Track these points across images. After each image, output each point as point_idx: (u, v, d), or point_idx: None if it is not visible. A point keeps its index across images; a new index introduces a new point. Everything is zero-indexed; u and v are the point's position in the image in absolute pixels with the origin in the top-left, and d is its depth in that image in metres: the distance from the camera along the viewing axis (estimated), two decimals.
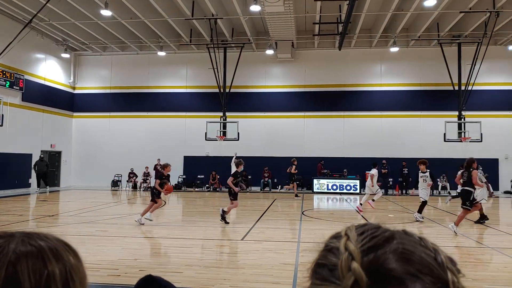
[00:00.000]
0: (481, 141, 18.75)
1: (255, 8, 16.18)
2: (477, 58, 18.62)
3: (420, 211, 11.10)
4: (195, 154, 22.83)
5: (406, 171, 20.34)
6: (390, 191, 20.71)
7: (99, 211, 12.78)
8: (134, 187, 21.98)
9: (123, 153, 23.42)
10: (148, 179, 21.59)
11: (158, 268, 6.04)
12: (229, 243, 8.21)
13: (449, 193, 20.38)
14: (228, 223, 10.20)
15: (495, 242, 8.55)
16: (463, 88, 19.66)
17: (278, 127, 22.78)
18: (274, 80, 23.20)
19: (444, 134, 19.00)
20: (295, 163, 17.63)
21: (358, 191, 20.33)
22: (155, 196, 10.17)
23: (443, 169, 20.68)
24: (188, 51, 23.34)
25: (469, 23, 18.85)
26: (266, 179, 21.87)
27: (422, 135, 21.70)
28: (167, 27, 20.29)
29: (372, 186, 13.05)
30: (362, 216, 12.38)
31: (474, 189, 9.54)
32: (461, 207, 9.53)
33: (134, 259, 6.62)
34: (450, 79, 19.95)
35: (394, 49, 21.10)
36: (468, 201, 9.36)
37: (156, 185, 10.18)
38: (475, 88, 19.74)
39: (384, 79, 22.50)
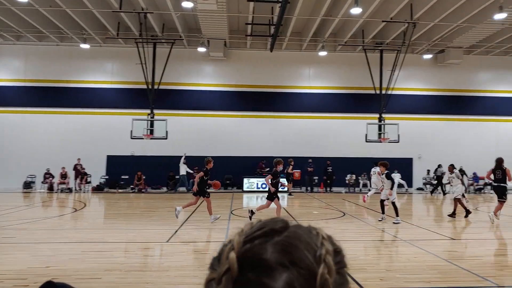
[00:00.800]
0: (398, 141, 20.20)
1: (187, 4, 15.84)
2: (396, 65, 20.01)
3: (397, 214, 10.85)
4: (120, 153, 21.75)
5: (330, 170, 21.26)
6: (315, 189, 21.48)
7: (7, 215, 11.62)
8: (50, 188, 20.21)
9: (38, 152, 21.56)
10: (67, 180, 20.13)
11: (73, 275, 5.62)
12: (153, 246, 7.91)
13: (369, 190, 21.66)
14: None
15: (407, 235, 9.20)
16: (383, 92, 21.01)
17: (209, 126, 22.57)
18: (206, 78, 22.96)
19: (366, 135, 20.16)
20: (292, 163, 18.51)
21: (286, 189, 20.78)
22: (202, 193, 10.47)
23: (364, 168, 21.99)
24: (114, 45, 22.21)
25: (390, 32, 20.19)
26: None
27: (347, 135, 22.84)
28: (92, 18, 19.13)
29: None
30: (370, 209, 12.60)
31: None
32: (498, 200, 10.93)
33: (45, 267, 6.09)
34: (372, 84, 21.22)
35: (323, 53, 21.95)
36: (504, 195, 10.80)
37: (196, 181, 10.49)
38: (394, 92, 21.22)
39: (313, 82, 23.32)
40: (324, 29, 20.30)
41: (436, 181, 21.31)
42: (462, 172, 22.15)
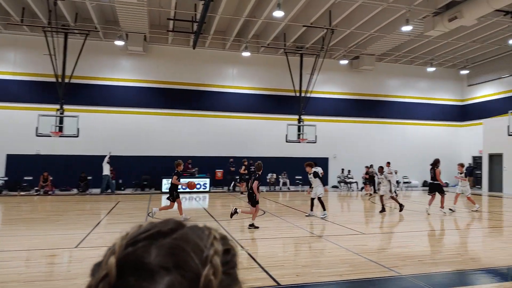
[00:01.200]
0: (316, 142, 21.10)
1: None
2: (315, 69, 20.87)
3: (323, 208, 11.61)
4: (22, 152, 19.69)
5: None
6: (237, 188, 21.55)
7: None
8: None
9: None
10: None
11: None
12: (60, 252, 7.23)
13: (288, 188, 22.36)
14: (257, 227, 9.51)
15: (322, 231, 9.58)
16: (303, 94, 21.79)
17: (126, 124, 21.47)
18: (124, 73, 21.80)
19: (286, 135, 20.73)
20: (246, 163, 19.51)
21: (208, 189, 20.61)
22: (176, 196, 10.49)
23: (284, 167, 22.67)
24: (18, 32, 20.02)
25: (310, 37, 20.98)
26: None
27: (268, 135, 23.28)
28: None
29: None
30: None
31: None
32: (429, 194, 13.05)
33: None
34: (293, 86, 21.90)
35: (246, 54, 22.12)
36: (437, 191, 12.65)
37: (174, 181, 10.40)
38: (313, 95, 22.13)
39: (236, 81, 23.39)
40: (247, 29, 20.47)
41: (368, 180, 22.58)
42: (372, 171, 23.91)
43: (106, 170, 18.97)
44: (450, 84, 27.19)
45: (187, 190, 11.26)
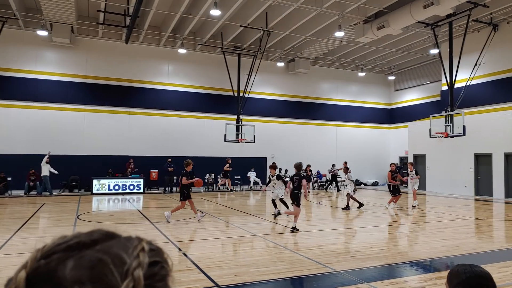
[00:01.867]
0: (254, 142, 21.27)
1: None
2: (252, 70, 21.02)
3: (287, 206, 11.89)
4: None
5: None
6: (174, 189, 21.04)
7: None
8: None
9: None
10: None
11: None
12: None
13: (227, 188, 22.27)
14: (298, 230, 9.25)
15: (260, 230, 9.63)
16: (241, 95, 21.85)
17: (51, 121, 19.98)
18: (47, 65, 20.20)
19: (225, 135, 20.65)
20: (229, 161, 20.00)
21: (142, 190, 19.88)
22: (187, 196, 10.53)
23: (223, 167, 22.49)
24: None
25: (247, 37, 21.08)
26: (32, 181, 18.47)
27: (206, 135, 23.03)
28: None
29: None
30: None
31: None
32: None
33: None
34: (231, 86, 21.86)
35: (182, 51, 21.66)
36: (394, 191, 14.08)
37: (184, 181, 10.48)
38: (251, 96, 22.28)
39: (171, 79, 22.81)
40: (183, 26, 20.05)
41: (331, 179, 23.39)
42: (332, 170, 24.69)
43: (45, 171, 17.76)
44: (379, 89, 28.88)
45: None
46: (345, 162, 16.35)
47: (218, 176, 22.37)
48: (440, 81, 22.26)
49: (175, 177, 20.87)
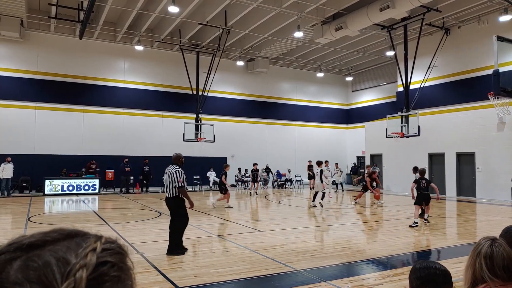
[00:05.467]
0: (214, 141, 21.04)
1: None
2: (212, 68, 20.78)
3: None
4: None
5: (147, 169, 20.55)
6: (131, 189, 20.43)
7: None
8: None
9: None
10: None
11: None
12: None
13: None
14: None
15: (221, 230, 9.49)
16: (200, 93, 21.54)
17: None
18: None
19: (183, 134, 20.27)
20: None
21: (97, 191, 19.11)
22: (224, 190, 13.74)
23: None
24: None
25: (206, 35, 20.80)
26: None
27: (163, 134, 22.52)
28: None
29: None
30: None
31: None
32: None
33: None
34: (189, 84, 21.50)
35: (139, 48, 21.03)
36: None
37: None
38: (210, 94, 22.02)
39: (127, 76, 22.09)
40: (140, 23, 19.48)
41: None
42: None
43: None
44: (337, 89, 29.51)
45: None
46: (327, 162, 16.98)
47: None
48: (396, 82, 23.05)
49: (131, 177, 20.24)
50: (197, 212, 12.82)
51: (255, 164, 20.76)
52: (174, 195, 7.06)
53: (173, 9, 15.81)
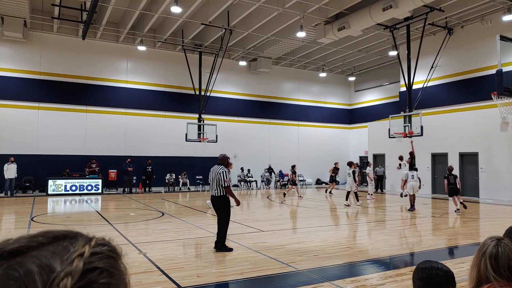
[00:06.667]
0: (216, 141, 21.06)
1: None
2: (214, 68, 20.80)
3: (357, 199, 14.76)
4: None
5: (150, 169, 20.59)
6: (133, 190, 20.47)
7: None
8: None
9: None
10: None
11: None
12: None
13: (188, 189, 21.93)
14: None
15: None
16: (202, 93, 21.56)
17: (3, 119, 18.89)
18: (1, 61, 19.16)
19: (186, 134, 20.30)
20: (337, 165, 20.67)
21: (100, 191, 19.16)
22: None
23: (184, 167, 22.15)
24: None
25: (209, 35, 20.82)
26: None
27: (166, 134, 22.56)
28: None
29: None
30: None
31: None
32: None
33: None
34: (192, 84, 21.53)
35: (142, 48, 21.08)
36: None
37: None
38: (213, 94, 22.05)
39: (130, 76, 22.14)
40: (143, 23, 19.53)
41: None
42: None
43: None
44: (339, 89, 29.45)
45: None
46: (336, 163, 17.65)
47: (180, 176, 21.94)
48: (399, 82, 23.00)
49: (134, 178, 20.29)
50: (200, 213, 12.83)
51: (293, 166, 19.50)
52: (221, 194, 7.35)
53: (176, 9, 15.83)
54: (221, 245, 7.22)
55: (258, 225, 10.29)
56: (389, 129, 18.08)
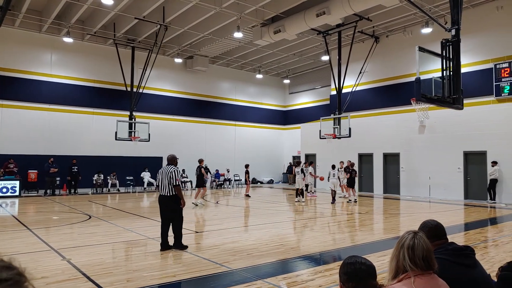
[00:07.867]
0: (149, 140, 20.40)
1: None
2: (148, 64, 20.14)
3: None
4: None
5: (75, 169, 19.37)
6: (57, 191, 19.13)
7: None
8: None
9: None
10: None
11: None
12: None
13: (118, 190, 21.00)
14: None
15: (153, 232, 9.19)
16: (135, 90, 20.77)
17: None
18: None
19: (116, 132, 19.41)
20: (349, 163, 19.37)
21: (17, 193, 17.61)
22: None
23: (113, 167, 21.15)
24: None
25: (143, 30, 20.11)
26: None
27: (94, 132, 21.39)
28: None
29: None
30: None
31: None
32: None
33: None
34: (123, 80, 20.64)
35: (68, 40, 19.76)
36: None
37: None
38: (146, 91, 21.33)
39: (55, 69, 20.65)
40: (70, 13, 18.33)
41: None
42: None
43: None
44: (275, 91, 30.06)
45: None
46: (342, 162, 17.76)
47: (109, 177, 20.94)
48: (330, 86, 24.00)
49: (58, 178, 18.96)
50: (131, 215, 12.36)
51: (247, 166, 19.23)
52: (172, 193, 7.35)
53: (108, 1, 15.09)
54: (179, 244, 7.31)
55: (192, 227, 10.14)
56: (320, 130, 18.80)
